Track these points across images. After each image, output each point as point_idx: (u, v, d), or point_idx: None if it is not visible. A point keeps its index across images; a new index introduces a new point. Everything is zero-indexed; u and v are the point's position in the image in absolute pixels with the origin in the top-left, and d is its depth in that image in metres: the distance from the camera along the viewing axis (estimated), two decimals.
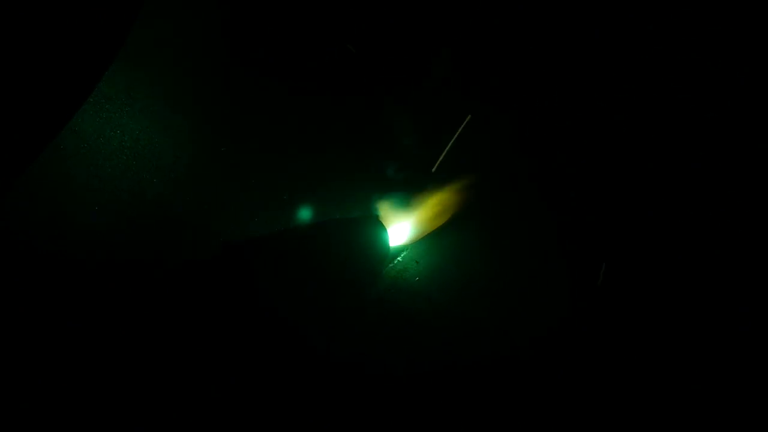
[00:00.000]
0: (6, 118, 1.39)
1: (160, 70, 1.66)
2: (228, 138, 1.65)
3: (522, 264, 1.58)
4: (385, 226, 1.59)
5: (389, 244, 1.58)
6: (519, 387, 1.44)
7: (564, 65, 1.77)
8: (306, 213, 1.60)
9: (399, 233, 1.60)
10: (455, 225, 1.61)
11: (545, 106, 1.75)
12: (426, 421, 1.41)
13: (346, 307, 1.51)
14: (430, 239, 1.60)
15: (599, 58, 1.77)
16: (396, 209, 1.62)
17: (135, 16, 1.55)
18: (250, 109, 1.69)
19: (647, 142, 1.69)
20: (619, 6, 1.78)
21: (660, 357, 1.47)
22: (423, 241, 1.60)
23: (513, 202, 1.65)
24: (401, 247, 1.59)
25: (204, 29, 1.72)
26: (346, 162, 1.67)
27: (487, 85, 1.77)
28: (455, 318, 1.51)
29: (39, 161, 1.49)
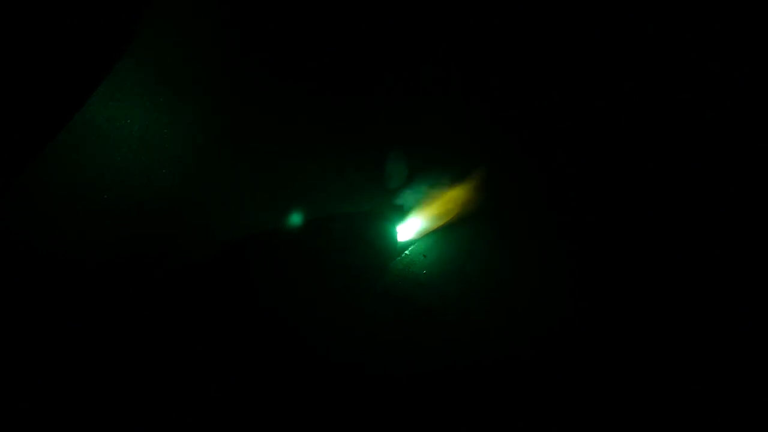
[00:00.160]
0: (6, 117, 1.40)
1: (170, 62, 1.67)
2: (235, 132, 1.66)
3: (521, 264, 1.58)
4: (392, 221, 1.60)
5: (396, 238, 1.59)
6: (519, 387, 1.44)
7: (564, 65, 1.77)
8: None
9: (406, 228, 1.61)
10: (460, 222, 1.62)
11: (545, 106, 1.75)
12: (425, 421, 1.41)
13: (350, 302, 1.51)
14: (437, 235, 1.61)
15: (599, 58, 1.77)
16: (403, 205, 1.63)
17: (145, 8, 1.56)
18: (258, 106, 1.70)
19: (647, 142, 1.69)
20: (619, 6, 1.78)
21: (660, 357, 1.47)
22: (430, 237, 1.61)
23: (513, 202, 1.65)
24: (408, 242, 1.60)
25: (212, 26, 1.72)
26: (353, 159, 1.67)
27: (487, 85, 1.77)
28: (457, 314, 1.52)
29: (48, 148, 1.50)
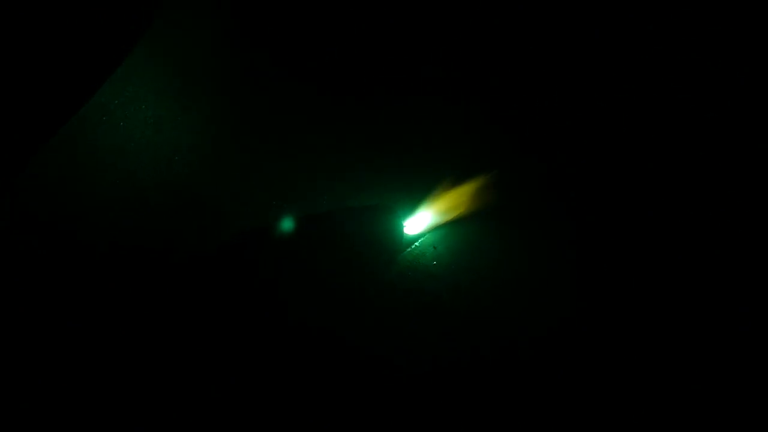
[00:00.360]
0: (21, 99, 1.40)
1: (186, 52, 1.69)
2: (248, 124, 1.67)
3: (521, 264, 1.58)
4: (401, 215, 1.61)
5: (403, 232, 1.59)
6: (519, 387, 1.44)
7: (564, 65, 1.77)
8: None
9: (415, 222, 1.62)
10: (467, 219, 1.62)
11: (545, 106, 1.75)
12: (425, 420, 1.41)
13: (358, 295, 1.51)
14: (446, 229, 1.62)
15: (599, 58, 1.77)
16: (411, 200, 1.64)
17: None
18: (270, 102, 1.72)
19: (647, 142, 1.69)
20: (619, 6, 1.78)
21: (660, 357, 1.47)
22: (439, 231, 1.62)
23: (513, 202, 1.65)
24: (417, 236, 1.61)
25: (227, 19, 1.74)
26: (362, 155, 1.69)
27: (487, 85, 1.77)
28: (465, 307, 1.52)
29: (62, 131, 1.50)
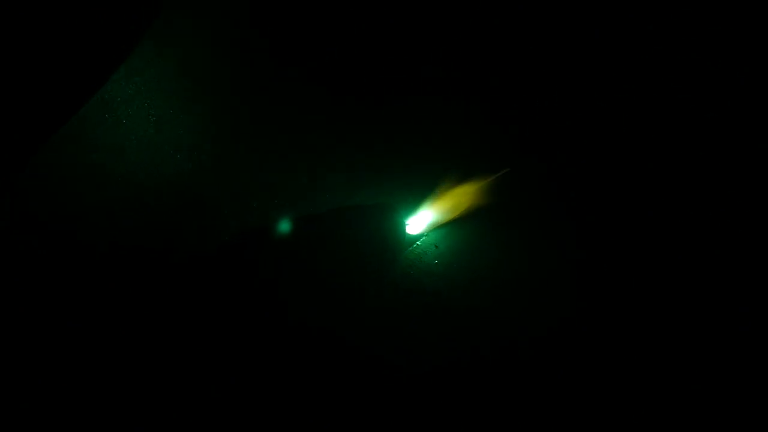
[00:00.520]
0: (24, 95, 1.40)
1: (190, 51, 1.69)
2: (249, 124, 1.68)
3: (521, 263, 1.58)
4: (402, 214, 1.61)
5: (405, 231, 1.59)
6: (519, 387, 1.44)
7: (564, 65, 1.77)
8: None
9: (417, 221, 1.62)
10: (467, 219, 1.62)
11: (545, 106, 1.75)
12: (425, 420, 1.41)
13: (359, 295, 1.52)
14: (448, 228, 1.62)
15: (599, 58, 1.77)
16: (413, 199, 1.64)
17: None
18: (272, 101, 1.72)
19: (647, 142, 1.69)
20: (619, 6, 1.78)
21: (660, 357, 1.47)
22: (441, 229, 1.62)
23: (513, 201, 1.65)
24: (418, 235, 1.61)
25: (233, 20, 1.74)
26: (362, 154, 1.69)
27: (487, 85, 1.77)
28: (465, 306, 1.52)
29: (62, 131, 1.50)
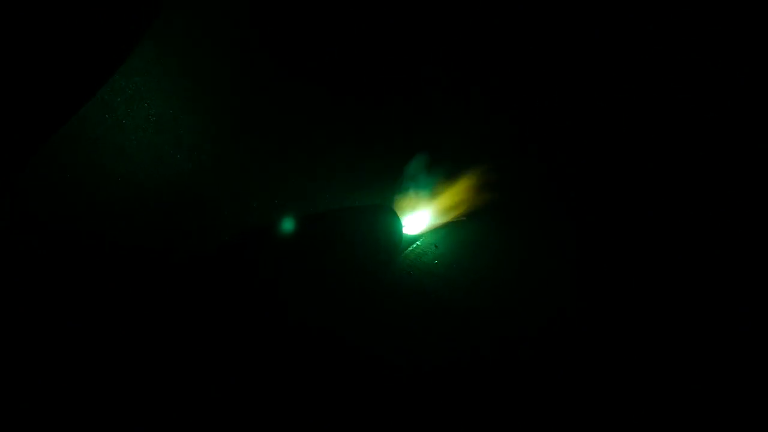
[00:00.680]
0: (23, 97, 1.40)
1: (191, 49, 1.69)
2: (248, 124, 1.68)
3: (522, 263, 1.58)
4: (399, 215, 1.61)
5: (402, 232, 1.59)
6: (519, 387, 1.44)
7: (564, 65, 1.77)
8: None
9: (415, 222, 1.62)
10: (467, 219, 1.62)
11: (545, 106, 1.75)
12: (425, 420, 1.41)
13: (359, 295, 1.52)
14: (448, 228, 1.62)
15: (599, 58, 1.77)
16: (410, 200, 1.64)
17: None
18: (271, 102, 1.72)
19: (647, 142, 1.69)
20: (619, 6, 1.78)
21: (660, 357, 1.47)
22: (441, 230, 1.62)
23: (513, 201, 1.65)
24: (418, 235, 1.61)
25: (234, 20, 1.74)
26: (362, 154, 1.69)
27: (487, 85, 1.77)
28: (465, 307, 1.52)
29: (62, 131, 1.50)
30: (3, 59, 1.36)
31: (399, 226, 1.60)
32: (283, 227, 1.57)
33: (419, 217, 1.63)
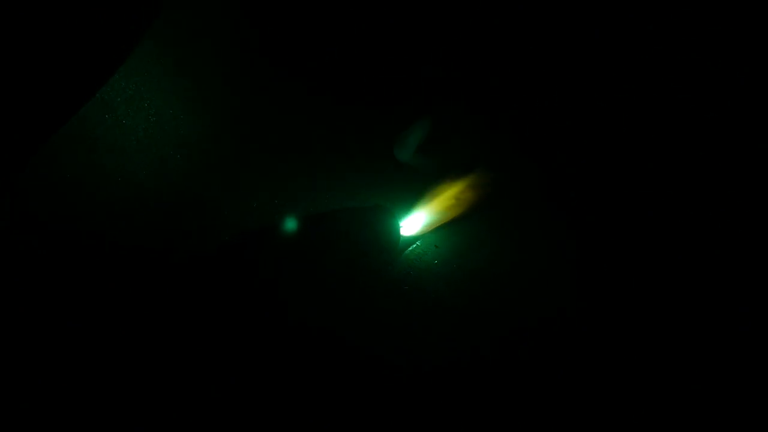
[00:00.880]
0: (23, 95, 1.40)
1: (191, 48, 1.69)
2: (249, 124, 1.68)
3: (522, 263, 1.58)
4: (396, 215, 1.61)
5: (399, 232, 1.59)
6: (519, 387, 1.44)
7: (564, 65, 1.77)
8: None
9: (415, 222, 1.62)
10: (467, 219, 1.63)
11: (545, 106, 1.75)
12: (425, 420, 1.41)
13: (358, 295, 1.52)
14: (448, 228, 1.62)
15: (599, 58, 1.77)
16: (408, 200, 1.64)
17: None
18: (271, 102, 1.72)
19: (647, 142, 1.69)
20: (619, 6, 1.78)
21: (660, 357, 1.47)
22: (442, 229, 1.62)
23: (513, 202, 1.65)
24: (417, 235, 1.61)
25: (234, 20, 1.74)
26: (362, 154, 1.70)
27: (487, 85, 1.77)
28: (464, 307, 1.52)
29: (62, 131, 1.50)
30: (3, 59, 1.36)
31: (398, 226, 1.60)
32: (284, 227, 1.57)
33: (419, 217, 1.63)
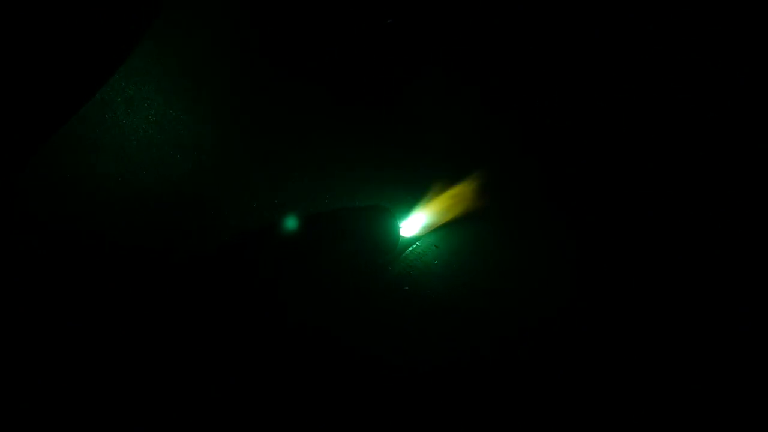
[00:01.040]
0: (24, 96, 1.40)
1: (191, 49, 1.69)
2: (249, 124, 1.68)
3: (522, 263, 1.58)
4: (397, 215, 1.61)
5: (398, 233, 1.59)
6: (519, 387, 1.44)
7: (564, 65, 1.77)
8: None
9: (415, 222, 1.62)
10: (467, 220, 1.63)
11: (545, 106, 1.75)
12: (425, 420, 1.41)
13: (355, 297, 1.52)
14: (448, 228, 1.62)
15: (599, 58, 1.77)
16: (407, 201, 1.64)
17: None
18: (270, 99, 1.72)
19: (647, 142, 1.69)
20: (619, 6, 1.78)
21: (660, 357, 1.47)
22: (442, 230, 1.62)
23: (513, 202, 1.65)
24: (417, 235, 1.61)
25: (234, 20, 1.74)
26: (362, 154, 1.70)
27: (487, 85, 1.77)
28: (463, 307, 1.52)
29: (62, 131, 1.50)
30: (3, 59, 1.36)
31: (396, 226, 1.60)
32: (284, 227, 1.57)
33: (419, 218, 1.63)
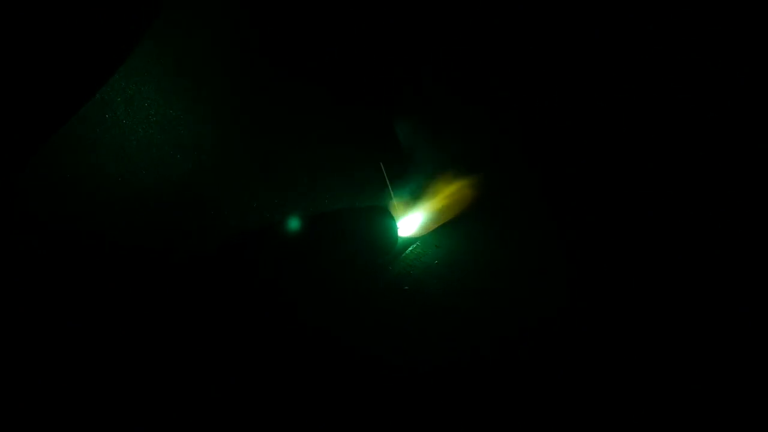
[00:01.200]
0: (24, 95, 1.40)
1: (191, 49, 1.69)
2: (249, 124, 1.69)
3: (522, 263, 1.58)
4: (394, 216, 1.61)
5: (397, 233, 1.60)
6: (519, 387, 1.44)
7: (564, 65, 1.77)
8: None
9: (415, 222, 1.63)
10: (466, 219, 1.63)
11: (545, 106, 1.75)
12: (424, 420, 1.41)
13: (356, 296, 1.52)
14: (448, 228, 1.62)
15: (599, 58, 1.77)
16: (406, 201, 1.64)
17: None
18: (272, 98, 1.73)
19: (647, 142, 1.69)
20: (619, 6, 1.78)
21: (660, 357, 1.47)
22: (442, 230, 1.62)
23: (513, 202, 1.65)
24: (416, 237, 1.61)
25: (234, 20, 1.75)
26: (361, 154, 1.70)
27: (487, 85, 1.77)
28: (461, 309, 1.52)
29: (62, 131, 1.50)
30: (3, 59, 1.36)
31: (395, 226, 1.60)
32: (283, 227, 1.57)
33: (418, 218, 1.63)
